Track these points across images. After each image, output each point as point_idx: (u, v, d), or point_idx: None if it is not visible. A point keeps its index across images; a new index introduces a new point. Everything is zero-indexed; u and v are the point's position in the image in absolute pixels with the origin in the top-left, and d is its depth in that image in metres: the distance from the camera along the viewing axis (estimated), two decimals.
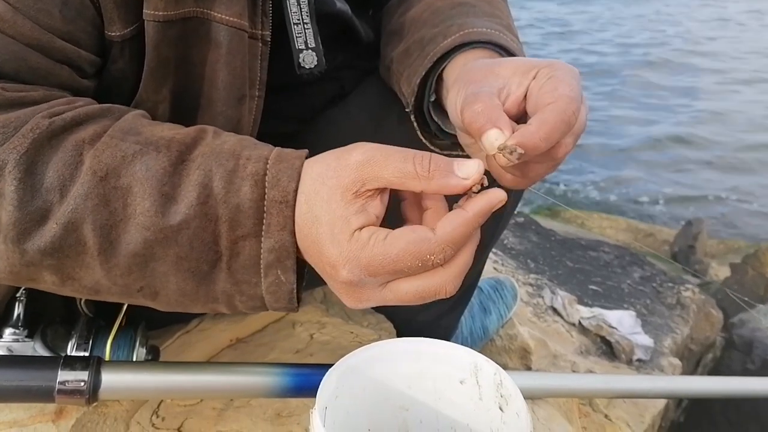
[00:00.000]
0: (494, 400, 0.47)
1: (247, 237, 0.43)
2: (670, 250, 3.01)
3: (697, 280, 2.44)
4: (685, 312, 1.58)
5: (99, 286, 0.45)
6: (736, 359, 1.67)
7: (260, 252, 0.44)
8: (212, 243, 0.43)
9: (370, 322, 1.01)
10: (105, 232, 0.43)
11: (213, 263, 0.44)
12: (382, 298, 0.44)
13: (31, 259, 0.43)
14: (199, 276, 0.44)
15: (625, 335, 1.33)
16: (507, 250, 1.70)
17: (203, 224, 0.43)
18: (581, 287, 1.59)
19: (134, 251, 0.43)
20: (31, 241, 0.43)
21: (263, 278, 0.44)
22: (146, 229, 0.43)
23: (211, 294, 0.46)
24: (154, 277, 0.44)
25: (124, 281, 0.45)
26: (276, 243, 0.43)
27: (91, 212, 0.42)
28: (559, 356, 1.25)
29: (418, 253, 0.41)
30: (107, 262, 0.44)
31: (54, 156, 0.43)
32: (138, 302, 0.48)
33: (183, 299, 0.46)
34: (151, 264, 0.44)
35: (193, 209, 0.43)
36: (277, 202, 0.43)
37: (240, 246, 0.44)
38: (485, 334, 1.22)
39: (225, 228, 0.43)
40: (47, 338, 0.62)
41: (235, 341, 0.84)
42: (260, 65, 0.57)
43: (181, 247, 0.43)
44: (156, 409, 0.70)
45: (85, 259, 0.44)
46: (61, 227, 0.42)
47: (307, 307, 0.93)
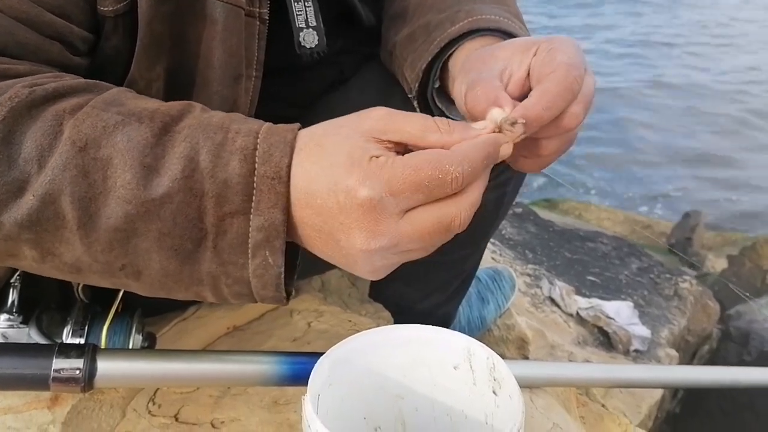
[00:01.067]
0: (488, 384, 0.47)
1: (234, 214, 0.41)
2: (668, 242, 3.02)
3: (695, 272, 2.45)
4: (683, 303, 1.59)
5: (80, 263, 0.43)
6: (733, 351, 1.67)
7: (248, 230, 0.41)
8: (197, 219, 0.41)
9: (368, 311, 1.01)
10: (84, 205, 0.41)
11: (198, 241, 0.42)
12: (399, 231, 0.41)
13: (8, 232, 0.42)
14: (183, 254, 0.42)
15: (623, 326, 1.34)
16: (505, 241, 1.70)
17: (188, 199, 0.41)
18: (579, 278, 1.59)
19: (115, 225, 0.41)
20: (7, 213, 0.41)
21: (250, 259, 0.42)
22: (127, 202, 0.41)
23: (195, 275, 0.43)
24: (137, 255, 0.42)
25: (106, 258, 0.43)
26: (266, 221, 0.41)
27: (69, 184, 0.40)
28: (557, 346, 1.25)
29: (439, 162, 0.40)
30: (87, 237, 0.42)
31: (32, 126, 0.41)
32: (122, 284, 0.46)
33: (166, 280, 0.44)
34: (132, 240, 0.42)
35: (177, 182, 0.41)
36: (269, 178, 0.41)
37: (227, 224, 0.41)
38: (483, 324, 1.23)
39: (211, 204, 0.41)
40: (42, 324, 0.62)
41: (232, 329, 0.83)
42: (258, 44, 0.56)
43: (164, 223, 0.41)
44: (152, 396, 0.70)
45: (64, 233, 0.42)
46: (38, 199, 0.40)
47: (304, 295, 0.93)
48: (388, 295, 1.04)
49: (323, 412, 0.44)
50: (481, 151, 0.42)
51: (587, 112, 0.48)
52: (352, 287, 1.08)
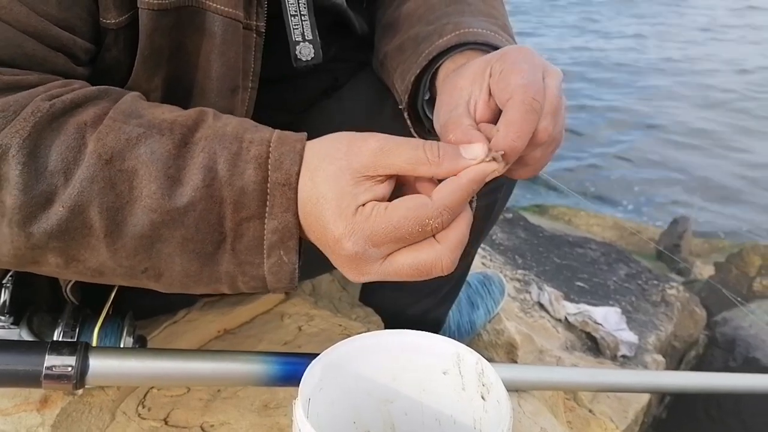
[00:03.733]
0: (476, 389, 0.47)
1: (251, 219, 0.44)
2: (656, 249, 3.04)
3: (682, 278, 2.47)
4: (670, 309, 1.60)
5: (104, 267, 0.46)
6: (719, 356, 1.69)
7: (264, 233, 0.45)
8: (217, 225, 0.44)
9: (358, 315, 1.01)
10: (111, 215, 0.43)
11: (218, 244, 0.45)
12: (383, 271, 0.44)
13: (37, 242, 0.44)
14: (204, 257, 0.45)
15: (610, 331, 1.35)
16: (495, 246, 1.71)
17: (209, 206, 0.44)
18: (568, 283, 1.60)
19: (140, 233, 0.44)
20: (37, 225, 0.43)
21: (266, 259, 0.45)
22: (153, 211, 0.43)
23: (214, 275, 0.46)
24: (160, 259, 0.45)
25: (130, 263, 0.45)
26: (279, 224, 0.44)
27: (97, 195, 0.43)
28: (545, 351, 1.26)
29: (418, 218, 0.42)
30: (113, 244, 0.44)
31: (56, 139, 0.43)
32: (141, 284, 0.48)
33: (187, 280, 0.47)
34: (156, 245, 0.44)
35: (198, 191, 0.43)
36: (280, 185, 0.44)
37: (244, 227, 0.44)
38: (472, 328, 1.23)
39: (230, 210, 0.44)
40: (33, 325, 0.62)
41: (223, 332, 0.84)
42: (254, 56, 0.57)
43: (187, 229, 0.44)
44: (142, 399, 0.70)
45: (90, 241, 0.44)
46: (68, 210, 0.43)
47: (295, 299, 0.94)
48: (379, 299, 1.05)
49: (314, 415, 0.44)
50: (462, 195, 0.44)
51: (558, 117, 0.49)
52: (343, 291, 1.08)
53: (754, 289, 2.00)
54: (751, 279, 2.03)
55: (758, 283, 2.00)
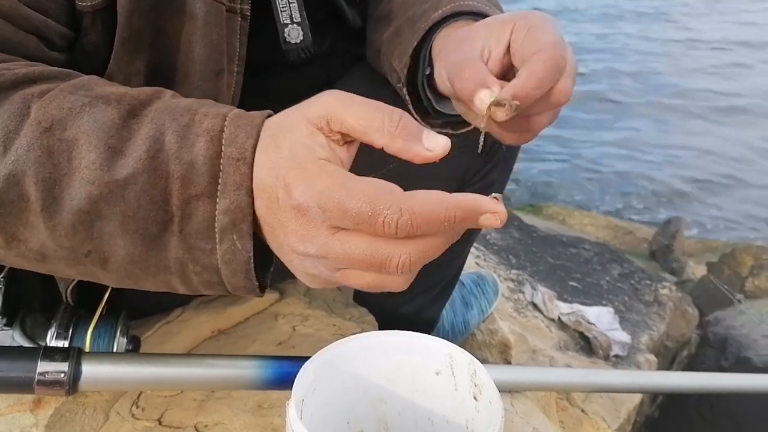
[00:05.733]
0: (469, 389, 0.48)
1: (200, 197, 0.40)
2: (649, 248, 3.06)
3: (674, 279, 2.48)
4: (662, 309, 1.62)
5: (45, 249, 0.42)
6: (711, 356, 1.70)
7: (215, 214, 0.40)
8: (162, 202, 0.40)
9: (352, 315, 1.02)
10: (48, 186, 0.40)
11: (163, 225, 0.41)
12: (329, 244, 0.39)
13: None
14: (149, 239, 0.41)
15: (603, 331, 1.36)
16: (489, 246, 1.71)
17: (152, 180, 0.40)
18: (561, 283, 1.61)
19: (78, 207, 0.40)
20: None
21: (218, 244, 0.41)
22: (90, 183, 0.40)
23: (162, 262, 0.42)
24: (102, 240, 0.41)
25: (70, 243, 0.41)
26: (231, 203, 0.40)
27: (33, 164, 0.40)
28: (538, 351, 1.26)
29: (373, 200, 0.36)
30: (51, 219, 0.41)
31: (0, 109, 0.41)
32: (89, 272, 0.44)
33: (133, 267, 0.43)
34: (96, 224, 0.41)
35: (141, 163, 0.40)
36: (234, 159, 0.40)
37: (192, 206, 0.40)
38: (466, 328, 1.24)
39: (176, 186, 0.40)
40: (26, 327, 0.62)
41: (217, 332, 0.84)
42: (239, 40, 0.56)
43: (128, 205, 0.40)
44: (136, 399, 0.70)
45: (28, 217, 0.41)
46: (2, 180, 0.40)
47: (289, 299, 0.94)
48: (372, 299, 1.05)
49: (307, 416, 0.45)
50: (433, 214, 0.37)
51: (573, 84, 0.49)
52: (337, 291, 1.09)
53: (746, 288, 2.02)
54: (744, 279, 2.04)
55: (750, 282, 2.01)
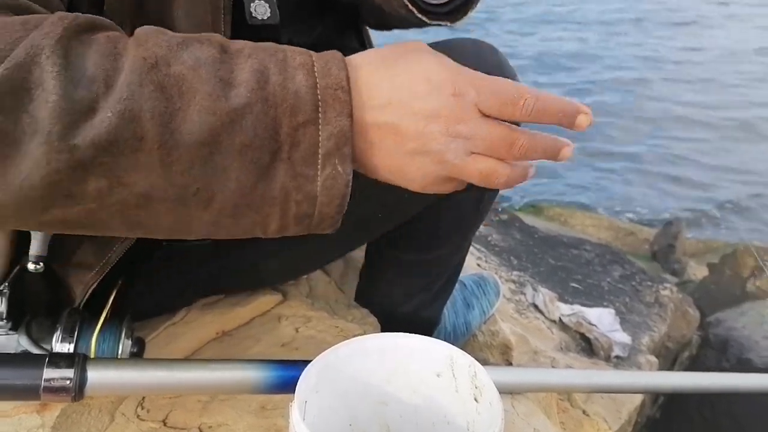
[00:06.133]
0: (469, 391, 0.48)
1: (306, 124, 0.42)
2: (650, 249, 3.06)
3: (676, 279, 2.49)
4: (663, 310, 1.62)
5: (153, 191, 0.41)
6: (712, 357, 1.71)
7: (319, 140, 0.42)
8: (273, 131, 0.41)
9: (354, 316, 1.02)
10: (165, 121, 0.39)
11: (274, 153, 0.42)
12: (478, 125, 0.44)
13: (82, 156, 0.38)
14: (261, 169, 0.42)
15: (604, 332, 1.36)
16: (490, 247, 1.72)
17: (265, 109, 0.41)
18: (562, 284, 1.62)
19: (199, 140, 0.40)
20: (82, 134, 0.38)
21: (320, 170, 0.43)
22: (211, 113, 0.40)
23: (269, 192, 0.43)
24: (215, 175, 0.41)
25: (183, 180, 0.41)
26: (334, 128, 0.42)
27: (148, 99, 0.39)
28: (540, 352, 1.27)
29: (517, 85, 0.44)
30: (168, 156, 0.40)
31: (88, 48, 0.39)
32: (187, 216, 0.43)
33: (240, 201, 0.43)
34: (215, 157, 0.41)
35: (254, 93, 0.41)
36: (332, 89, 0.42)
37: (300, 134, 0.42)
38: (468, 329, 1.25)
39: (286, 114, 0.42)
40: (32, 331, 0.62)
41: (221, 334, 0.84)
42: (223, 18, 0.55)
43: (246, 134, 0.41)
44: (141, 401, 0.71)
45: (139, 157, 0.40)
46: (117, 115, 0.38)
47: (292, 301, 0.94)
48: (373, 298, 1.06)
49: (310, 418, 0.45)
50: (557, 103, 0.45)
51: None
52: (340, 293, 1.10)
53: (747, 290, 2.02)
54: (745, 280, 2.05)
55: (751, 284, 2.02)
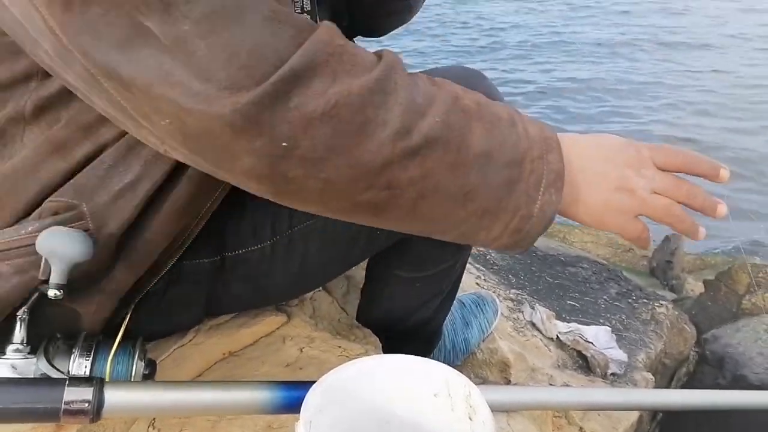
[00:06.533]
0: (464, 410, 0.52)
1: (538, 159, 0.54)
2: (649, 265, 3.09)
3: (673, 296, 2.51)
4: (659, 327, 1.65)
5: (440, 185, 0.52)
6: (709, 374, 1.73)
7: (544, 173, 0.54)
8: (522, 157, 0.54)
9: (356, 336, 1.06)
10: (464, 133, 0.52)
11: (520, 174, 0.54)
12: (657, 176, 0.58)
13: (414, 145, 0.49)
14: (511, 183, 0.54)
15: (600, 350, 1.39)
16: (489, 266, 1.75)
17: (519, 141, 0.54)
18: (560, 302, 1.65)
19: (481, 152, 0.52)
20: (416, 130, 0.49)
21: (541, 196, 0.54)
22: (490, 135, 0.53)
23: (508, 205, 0.54)
24: (484, 181, 0.53)
25: (463, 181, 0.52)
26: (554, 167, 0.55)
27: (456, 116, 0.52)
28: (537, 370, 1.30)
29: (675, 148, 0.59)
30: (460, 158, 0.51)
31: (415, 77, 0.52)
32: (450, 212, 0.54)
33: (488, 207, 0.54)
34: (486, 168, 0.53)
35: (512, 129, 0.55)
36: (552, 140, 0.56)
37: (535, 165, 0.54)
38: (467, 347, 1.28)
39: (529, 149, 0.54)
40: (50, 355, 0.64)
41: (228, 355, 0.88)
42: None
43: (507, 155, 0.53)
44: (152, 421, 0.74)
45: (445, 156, 0.51)
46: (440, 122, 0.50)
47: (296, 321, 0.98)
48: (375, 315, 1.09)
49: None
50: (702, 158, 0.59)
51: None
52: (342, 312, 1.13)
53: (743, 306, 2.04)
54: (740, 297, 2.07)
55: (747, 300, 2.04)
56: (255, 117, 0.44)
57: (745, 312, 2.01)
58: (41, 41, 0.46)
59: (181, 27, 0.43)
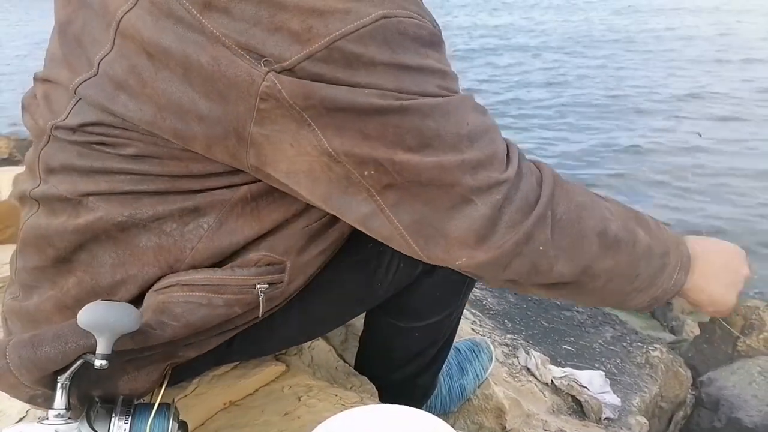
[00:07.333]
0: None
1: (671, 253, 0.74)
2: None
3: (672, 337, 2.52)
4: (654, 371, 1.67)
5: (617, 271, 0.70)
6: (705, 417, 1.74)
7: (680, 259, 0.74)
8: (667, 250, 0.73)
9: (353, 384, 1.09)
10: (633, 233, 0.71)
11: (665, 262, 0.73)
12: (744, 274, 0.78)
13: (611, 242, 0.69)
14: (661, 268, 0.72)
15: (595, 395, 1.42)
16: (485, 311, 1.79)
17: (662, 238, 0.74)
18: (555, 347, 1.68)
19: (646, 247, 0.71)
20: (610, 230, 0.69)
21: (674, 276, 0.73)
22: (650, 236, 0.72)
23: (656, 282, 0.72)
24: (646, 266, 0.71)
25: (636, 269, 0.71)
26: (685, 254, 0.74)
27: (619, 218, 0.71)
28: (532, 415, 1.32)
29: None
30: (636, 252, 0.70)
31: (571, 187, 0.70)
32: (623, 290, 0.72)
33: (644, 286, 0.72)
34: (649, 256, 0.71)
35: (652, 233, 0.73)
36: (681, 244, 0.76)
37: (673, 254, 0.73)
38: (463, 393, 1.30)
39: (668, 245, 0.74)
40: (91, 419, 0.67)
41: (229, 404, 0.91)
42: None
43: (660, 248, 0.72)
44: None
45: (626, 250, 0.70)
46: (621, 223, 0.71)
47: (295, 371, 1.01)
48: (371, 364, 1.12)
49: None
50: None
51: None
52: (339, 361, 1.16)
53: (738, 348, 2.06)
54: (735, 338, 2.09)
55: (742, 342, 2.06)
56: (528, 236, 0.63)
57: (741, 354, 2.03)
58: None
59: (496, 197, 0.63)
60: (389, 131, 0.56)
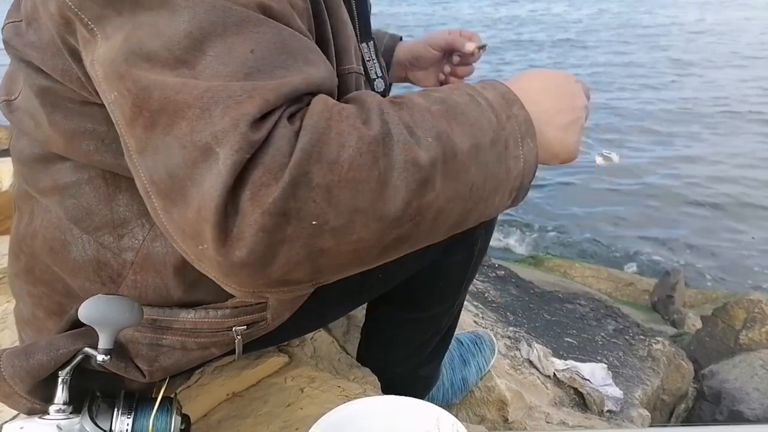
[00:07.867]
0: None
1: (509, 118, 0.59)
2: (650, 300, 3.11)
3: (674, 330, 2.53)
4: (656, 364, 1.67)
5: (456, 195, 0.54)
6: (707, 410, 1.75)
7: (517, 128, 0.59)
8: (500, 127, 0.58)
9: (356, 375, 1.09)
10: (449, 137, 0.54)
11: (503, 143, 0.58)
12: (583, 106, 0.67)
13: (426, 173, 0.50)
14: (500, 157, 0.58)
15: (597, 387, 1.42)
16: (487, 304, 1.79)
17: (491, 114, 0.59)
18: (557, 339, 1.68)
19: (470, 145, 0.55)
20: (420, 159, 0.51)
21: (521, 149, 0.59)
22: (473, 126, 0.56)
23: (503, 175, 0.58)
24: (485, 168, 0.56)
25: (468, 178, 0.55)
26: (520, 117, 0.59)
27: (455, 125, 0.55)
28: (534, 408, 1.32)
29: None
30: (455, 163, 0.54)
31: (392, 109, 0.54)
32: (461, 212, 0.56)
33: (490, 184, 0.57)
34: (480, 155, 0.56)
35: (491, 96, 0.60)
36: (508, 95, 0.61)
37: (509, 124, 0.59)
38: (465, 385, 1.30)
39: (498, 114, 0.58)
40: (93, 414, 0.67)
41: (232, 395, 0.91)
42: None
43: (496, 134, 0.58)
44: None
45: (446, 167, 0.53)
46: (434, 141, 0.53)
47: (298, 362, 1.02)
48: (373, 356, 1.12)
49: None
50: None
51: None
52: (342, 352, 1.16)
53: (740, 341, 2.07)
54: (737, 332, 2.10)
55: (744, 335, 2.07)
56: (282, 210, 0.45)
57: (743, 347, 2.03)
58: None
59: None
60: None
